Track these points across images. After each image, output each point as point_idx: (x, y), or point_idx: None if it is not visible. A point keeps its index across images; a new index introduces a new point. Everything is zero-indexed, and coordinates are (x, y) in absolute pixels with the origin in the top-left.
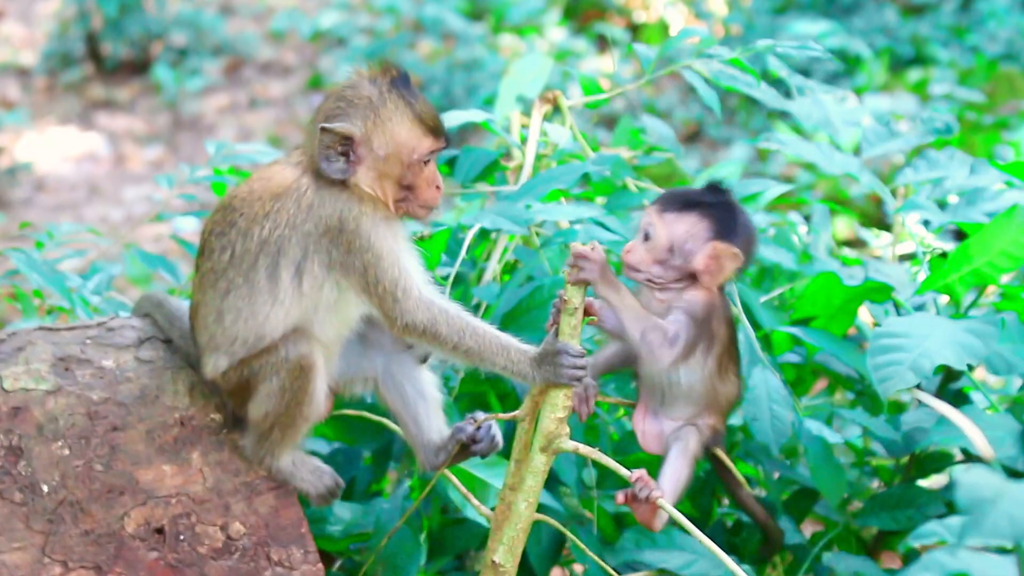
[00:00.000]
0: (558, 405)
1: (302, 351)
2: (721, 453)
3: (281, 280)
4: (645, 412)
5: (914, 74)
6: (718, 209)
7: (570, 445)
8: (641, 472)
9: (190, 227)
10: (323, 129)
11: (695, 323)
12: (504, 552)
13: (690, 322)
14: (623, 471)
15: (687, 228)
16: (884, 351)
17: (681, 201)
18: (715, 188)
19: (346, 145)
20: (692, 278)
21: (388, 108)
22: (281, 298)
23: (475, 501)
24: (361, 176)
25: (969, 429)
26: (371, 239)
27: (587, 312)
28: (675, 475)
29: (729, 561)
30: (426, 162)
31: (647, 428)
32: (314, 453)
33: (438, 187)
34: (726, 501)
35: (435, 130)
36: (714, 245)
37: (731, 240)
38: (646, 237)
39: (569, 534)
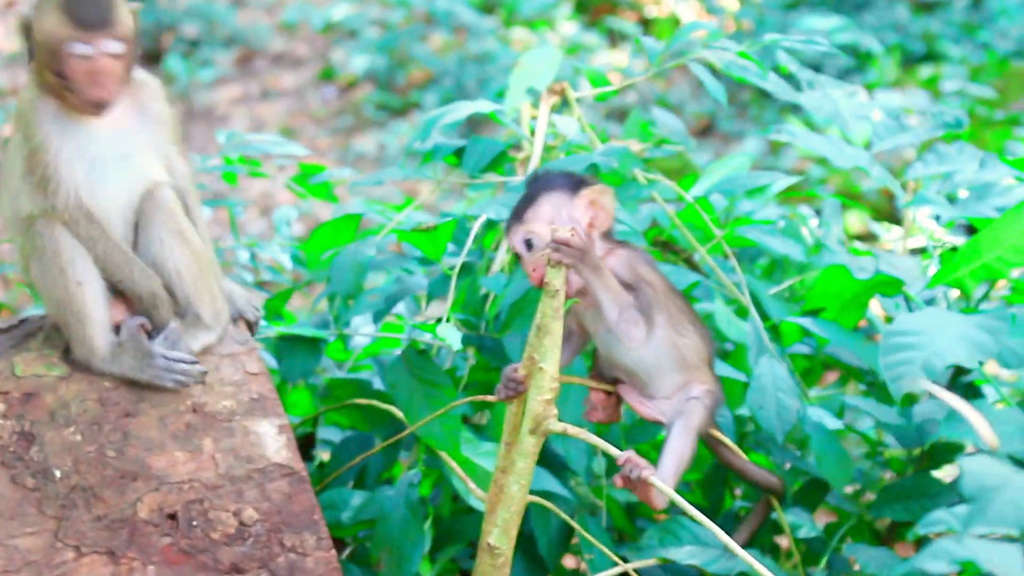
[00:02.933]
0: (544, 387)
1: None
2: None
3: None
4: (637, 395)
5: (925, 70)
6: (551, 180)
7: (559, 427)
8: (629, 453)
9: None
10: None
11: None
12: (499, 534)
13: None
14: (613, 451)
15: (551, 208)
16: (895, 350)
17: (525, 203)
18: (532, 177)
19: (29, 33)
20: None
21: None
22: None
23: (472, 484)
24: (37, 64)
25: (974, 418)
26: (34, 126)
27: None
28: (676, 453)
29: (735, 545)
30: (75, 55)
31: (643, 408)
32: (325, 442)
33: (97, 84)
34: (739, 492)
35: (77, 20)
36: (581, 195)
37: (586, 184)
38: (529, 247)
39: (572, 522)
